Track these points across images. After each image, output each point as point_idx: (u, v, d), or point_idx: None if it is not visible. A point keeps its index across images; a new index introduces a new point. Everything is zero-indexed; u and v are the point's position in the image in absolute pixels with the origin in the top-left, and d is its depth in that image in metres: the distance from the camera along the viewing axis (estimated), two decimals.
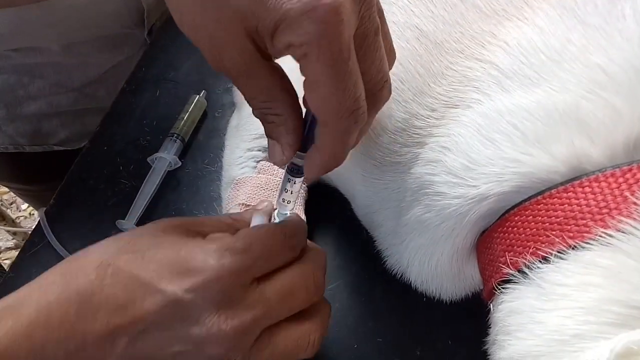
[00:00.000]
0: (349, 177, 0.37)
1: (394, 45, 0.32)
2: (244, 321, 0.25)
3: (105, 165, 0.47)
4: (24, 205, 1.57)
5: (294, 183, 0.31)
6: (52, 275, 0.25)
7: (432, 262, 0.31)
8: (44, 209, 0.44)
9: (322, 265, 0.30)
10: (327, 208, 0.42)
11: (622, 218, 0.21)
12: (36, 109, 0.60)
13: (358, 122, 0.23)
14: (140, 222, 0.42)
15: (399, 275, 0.35)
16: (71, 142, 0.64)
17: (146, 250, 0.25)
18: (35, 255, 0.42)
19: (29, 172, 0.67)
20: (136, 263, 0.25)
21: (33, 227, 0.42)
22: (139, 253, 0.25)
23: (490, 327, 0.28)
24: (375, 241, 0.38)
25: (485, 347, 0.28)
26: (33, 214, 1.56)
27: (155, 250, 0.25)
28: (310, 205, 0.40)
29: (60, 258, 0.41)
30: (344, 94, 0.22)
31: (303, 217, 0.38)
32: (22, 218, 1.53)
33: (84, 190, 0.45)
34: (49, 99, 0.60)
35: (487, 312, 0.28)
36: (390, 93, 0.27)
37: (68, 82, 0.60)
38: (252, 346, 0.26)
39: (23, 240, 1.39)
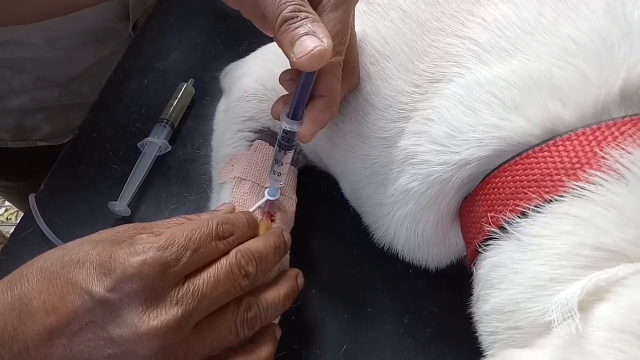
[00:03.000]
0: (339, 154, 0.38)
1: (380, 25, 0.34)
2: (175, 315, 0.25)
3: (95, 151, 0.47)
4: (1, 210, 1.55)
5: (285, 154, 0.32)
6: (2, 283, 0.26)
7: (418, 230, 0.33)
8: (34, 194, 0.44)
9: (259, 256, 0.29)
10: (316, 189, 0.43)
11: (593, 171, 0.23)
12: (19, 104, 0.59)
13: (342, 53, 0.30)
14: (132, 204, 0.43)
15: (386, 248, 0.36)
16: (55, 137, 0.63)
17: (83, 256, 0.26)
18: (25, 239, 0.42)
19: (12, 168, 0.67)
20: (72, 268, 0.26)
21: (11, 231, 0.42)
22: (76, 259, 0.26)
23: (473, 290, 0.29)
24: (362, 218, 0.39)
25: (469, 311, 0.30)
26: (10, 219, 1.53)
27: (89, 255, 0.26)
28: (299, 186, 0.41)
29: (50, 242, 0.42)
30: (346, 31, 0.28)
31: (294, 197, 0.39)
32: None
33: (74, 175, 0.46)
34: (32, 94, 0.59)
35: (470, 280, 0.30)
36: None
37: (52, 77, 0.59)
38: (189, 339, 0.26)
39: (1, 244, 1.36)
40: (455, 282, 0.33)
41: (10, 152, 0.63)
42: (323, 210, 0.43)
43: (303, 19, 0.27)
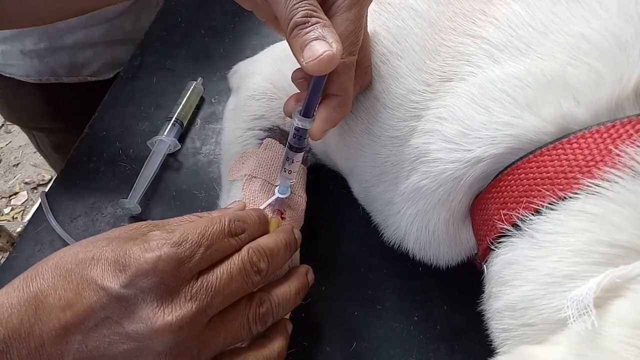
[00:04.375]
0: (349, 153, 0.38)
1: (391, 24, 0.34)
2: (189, 311, 0.25)
3: (104, 149, 0.48)
4: (7, 209, 1.55)
5: (296, 152, 0.32)
6: (18, 280, 0.26)
7: (429, 228, 0.33)
8: (45, 191, 0.44)
9: (270, 252, 0.29)
10: (325, 187, 0.44)
11: (607, 168, 0.23)
12: (74, 41, 0.65)
13: (355, 53, 0.30)
14: (142, 202, 0.43)
15: (396, 246, 0.37)
16: (102, 72, 0.69)
17: (97, 253, 0.26)
18: (36, 236, 0.42)
19: (62, 105, 0.71)
20: (87, 265, 0.26)
21: (17, 230, 0.43)
22: (91, 256, 0.26)
23: (484, 288, 0.30)
24: (371, 217, 0.39)
25: (480, 309, 0.30)
26: (17, 217, 1.54)
27: (104, 252, 0.26)
28: (308, 185, 0.41)
29: (60, 239, 0.42)
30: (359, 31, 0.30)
31: (304, 195, 0.39)
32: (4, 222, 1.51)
33: (84, 173, 0.46)
34: (84, 31, 0.65)
35: (480, 278, 0.30)
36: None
37: (100, 14, 0.64)
38: (203, 335, 0.26)
39: (7, 242, 1.37)
40: (466, 280, 0.33)
41: (63, 88, 0.68)
42: (332, 208, 0.43)
43: (314, 24, 0.28)
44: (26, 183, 1.61)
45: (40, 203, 0.44)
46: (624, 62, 0.25)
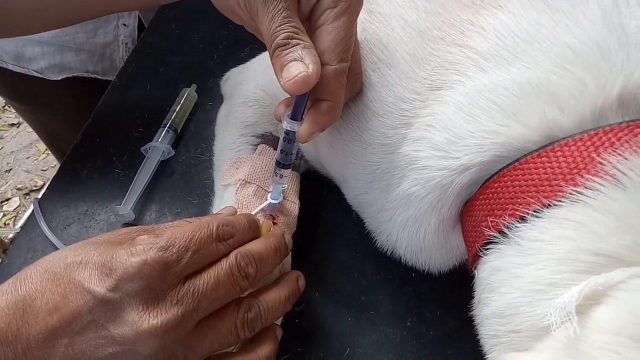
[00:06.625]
0: (341, 161, 0.38)
1: (382, 33, 0.35)
2: (175, 315, 0.25)
3: (98, 156, 0.48)
4: None
5: (287, 155, 0.33)
6: (7, 283, 0.27)
7: (420, 234, 0.33)
8: (38, 197, 0.45)
9: (259, 257, 0.30)
10: (318, 194, 0.44)
11: (590, 177, 0.23)
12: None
13: (347, 60, 0.31)
14: (136, 208, 0.43)
15: (389, 253, 0.37)
16: (49, 73, 0.67)
17: (85, 257, 0.27)
18: (29, 243, 0.42)
19: (15, 91, 0.71)
20: (75, 269, 0.26)
21: (9, 236, 0.43)
22: (79, 260, 0.27)
23: (474, 294, 0.30)
24: (365, 223, 0.39)
25: (471, 313, 0.30)
26: (8, 224, 1.54)
27: (92, 256, 0.27)
28: (301, 191, 0.42)
29: (53, 246, 0.42)
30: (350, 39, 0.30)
31: (297, 201, 0.39)
32: None
33: (78, 180, 0.46)
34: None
35: (472, 284, 0.30)
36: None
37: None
38: (189, 339, 0.27)
39: None
40: (459, 285, 0.33)
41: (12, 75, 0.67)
42: (325, 214, 0.43)
43: (294, 46, 0.29)
44: (18, 189, 1.61)
45: (33, 210, 0.44)
46: (607, 71, 0.25)
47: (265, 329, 0.30)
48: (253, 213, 0.35)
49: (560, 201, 0.24)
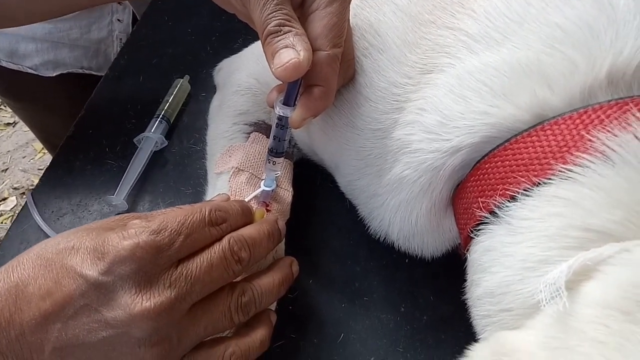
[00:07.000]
0: (333, 148, 0.38)
1: (373, 19, 0.35)
2: (168, 297, 0.25)
3: (91, 148, 0.48)
4: None
5: (280, 141, 0.33)
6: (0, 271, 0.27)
7: (412, 218, 0.33)
8: (31, 191, 0.44)
9: (252, 242, 0.30)
10: (312, 182, 0.44)
11: (579, 154, 0.23)
12: (15, 30, 0.63)
13: (340, 46, 0.31)
14: (129, 199, 0.43)
15: (382, 239, 0.37)
16: (43, 69, 0.66)
17: (77, 242, 0.27)
18: (22, 234, 0.42)
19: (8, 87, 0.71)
20: (67, 254, 0.26)
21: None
22: (71, 245, 0.27)
23: (467, 276, 0.30)
24: (358, 210, 0.39)
25: (464, 297, 0.30)
26: (5, 223, 1.53)
27: (84, 241, 0.27)
28: (295, 179, 0.42)
29: (46, 236, 0.42)
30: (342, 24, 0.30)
31: (290, 189, 0.39)
32: None
33: (71, 171, 0.46)
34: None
35: (464, 267, 0.30)
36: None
37: None
38: (183, 322, 0.27)
39: None
40: (451, 271, 0.33)
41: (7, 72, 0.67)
42: (319, 202, 0.43)
43: (286, 33, 0.29)
44: (15, 188, 1.60)
45: (26, 201, 0.43)
46: (596, 50, 0.25)
47: (259, 313, 0.30)
48: (246, 200, 0.35)
49: (549, 179, 0.24)
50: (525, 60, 0.27)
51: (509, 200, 0.26)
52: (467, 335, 0.29)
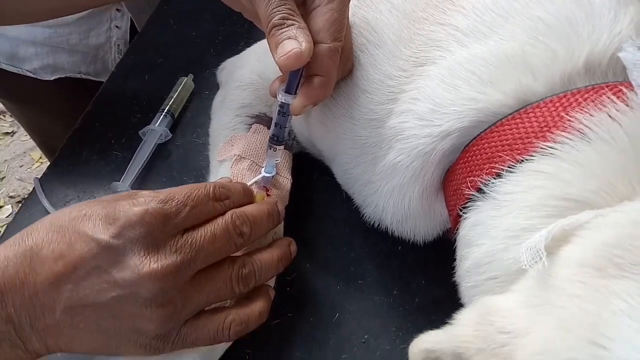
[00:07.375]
0: (331, 138, 0.40)
1: (369, 17, 0.37)
2: (174, 261, 0.27)
3: (97, 139, 0.49)
4: None
5: (281, 128, 0.34)
6: (14, 237, 0.28)
7: (404, 202, 0.35)
8: (39, 177, 0.46)
9: (253, 219, 0.31)
10: (310, 175, 0.46)
11: (559, 132, 0.25)
12: (15, 34, 0.65)
13: (341, 40, 0.32)
14: (134, 187, 0.45)
15: (376, 225, 0.39)
16: (42, 73, 0.67)
17: (89, 211, 0.28)
18: (29, 217, 0.43)
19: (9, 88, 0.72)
20: (79, 221, 0.28)
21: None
22: (84, 213, 0.28)
23: (456, 255, 0.32)
24: (353, 200, 0.41)
25: (454, 280, 0.32)
26: (1, 231, 1.53)
27: (96, 209, 0.28)
28: (294, 173, 0.43)
29: None
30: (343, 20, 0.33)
31: (289, 177, 0.41)
32: None
33: (77, 161, 0.48)
34: (27, 28, 0.65)
35: (454, 248, 0.32)
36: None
37: None
38: (187, 288, 0.28)
39: None
40: (442, 256, 0.34)
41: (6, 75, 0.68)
42: (316, 194, 0.45)
43: (289, 26, 0.31)
44: (11, 197, 1.61)
45: (34, 187, 0.45)
46: (575, 41, 0.28)
47: (259, 287, 0.32)
48: (248, 184, 0.37)
49: (532, 156, 0.26)
50: (510, 51, 0.29)
51: (494, 178, 0.27)
52: None
